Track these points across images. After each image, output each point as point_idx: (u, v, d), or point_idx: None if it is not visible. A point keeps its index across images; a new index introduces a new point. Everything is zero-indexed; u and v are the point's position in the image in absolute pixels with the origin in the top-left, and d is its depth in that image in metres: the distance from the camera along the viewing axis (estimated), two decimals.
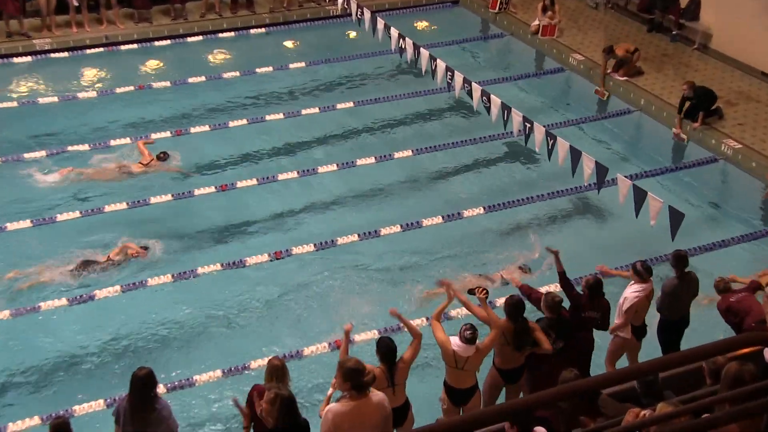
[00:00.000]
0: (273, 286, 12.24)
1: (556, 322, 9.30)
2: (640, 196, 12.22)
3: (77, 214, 13.23)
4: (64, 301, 11.62)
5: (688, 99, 15.43)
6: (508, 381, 9.36)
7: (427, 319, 10.36)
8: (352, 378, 7.33)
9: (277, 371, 7.93)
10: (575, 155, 13.17)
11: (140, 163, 14.49)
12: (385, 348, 8.38)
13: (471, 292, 9.49)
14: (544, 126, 13.91)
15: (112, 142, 15.18)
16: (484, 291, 9.32)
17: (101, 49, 18.61)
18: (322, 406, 8.18)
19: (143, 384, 7.78)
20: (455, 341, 8.80)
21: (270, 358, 8.41)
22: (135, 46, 18.86)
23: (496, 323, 8.97)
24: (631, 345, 10.17)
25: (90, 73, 17.97)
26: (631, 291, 9.94)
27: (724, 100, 16.12)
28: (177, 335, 11.44)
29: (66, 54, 18.40)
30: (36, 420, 9.77)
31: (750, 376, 5.07)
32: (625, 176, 12.88)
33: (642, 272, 9.90)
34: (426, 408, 9.16)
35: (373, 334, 10.91)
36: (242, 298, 12.06)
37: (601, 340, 10.10)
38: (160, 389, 9.16)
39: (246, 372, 10.51)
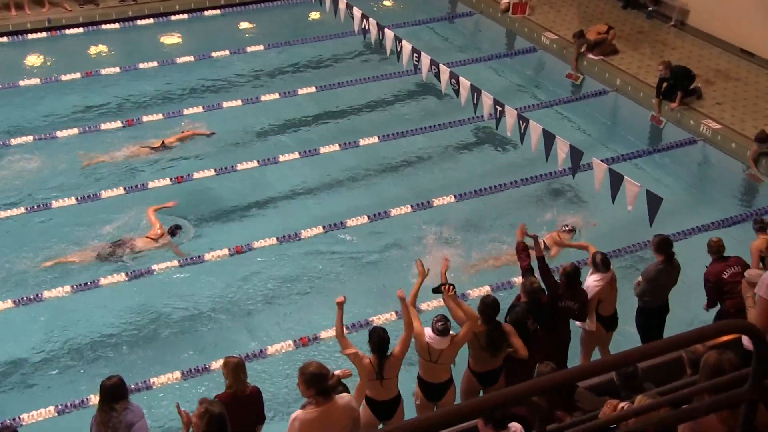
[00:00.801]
0: (225, 283, 12.29)
1: (533, 306, 9.36)
2: (616, 181, 12.36)
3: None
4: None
5: (665, 80, 15.61)
6: (485, 384, 9.24)
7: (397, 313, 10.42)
8: (315, 383, 7.28)
9: (229, 367, 8.06)
10: (549, 139, 13.28)
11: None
12: (377, 338, 8.45)
13: (437, 290, 9.31)
14: (515, 109, 14.03)
15: (59, 134, 15.06)
16: (452, 288, 9.27)
17: (44, 34, 18.43)
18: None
19: (112, 393, 7.82)
20: (428, 333, 8.85)
21: (227, 356, 8.43)
22: (80, 30, 18.69)
23: (471, 315, 8.97)
24: (599, 336, 10.28)
25: (32, 59, 17.78)
26: (592, 280, 10.08)
27: (703, 79, 16.33)
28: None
29: (5, 39, 18.19)
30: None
31: (729, 365, 5.18)
32: (601, 160, 13.03)
33: (599, 265, 10.04)
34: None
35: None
36: (196, 296, 12.10)
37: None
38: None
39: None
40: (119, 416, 7.84)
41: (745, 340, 6.37)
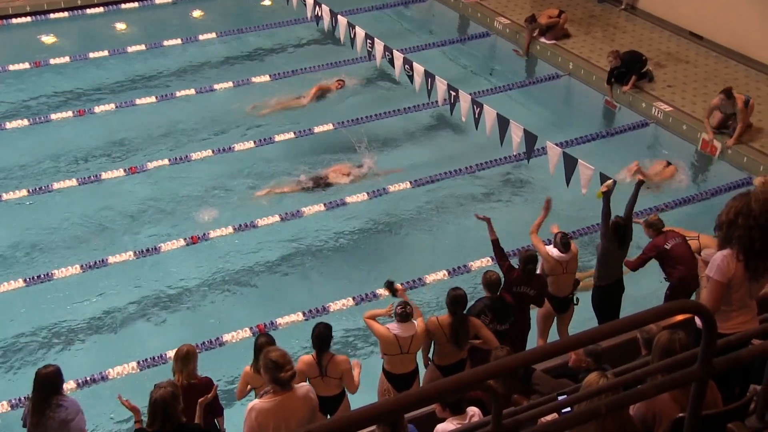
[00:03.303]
0: (192, 272, 12.29)
1: (494, 302, 9.37)
2: (570, 165, 12.49)
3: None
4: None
5: (615, 68, 15.75)
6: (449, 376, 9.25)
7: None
8: (269, 371, 7.25)
9: (178, 356, 8.06)
10: (503, 124, 13.38)
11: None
12: (315, 333, 8.46)
13: (390, 287, 9.40)
14: (469, 94, 14.10)
15: (7, 125, 14.84)
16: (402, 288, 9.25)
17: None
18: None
19: (48, 383, 7.67)
20: (391, 326, 8.88)
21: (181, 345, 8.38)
22: (28, 19, 18.40)
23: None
24: (549, 314, 10.41)
25: None
26: (550, 249, 10.25)
27: (654, 62, 16.52)
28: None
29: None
30: None
31: (680, 345, 5.27)
32: (555, 144, 13.15)
33: (558, 245, 10.16)
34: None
35: (298, 317, 11.25)
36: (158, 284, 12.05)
37: None
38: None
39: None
40: (52, 411, 7.69)
41: (699, 320, 6.48)
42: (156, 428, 7.04)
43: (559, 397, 5.34)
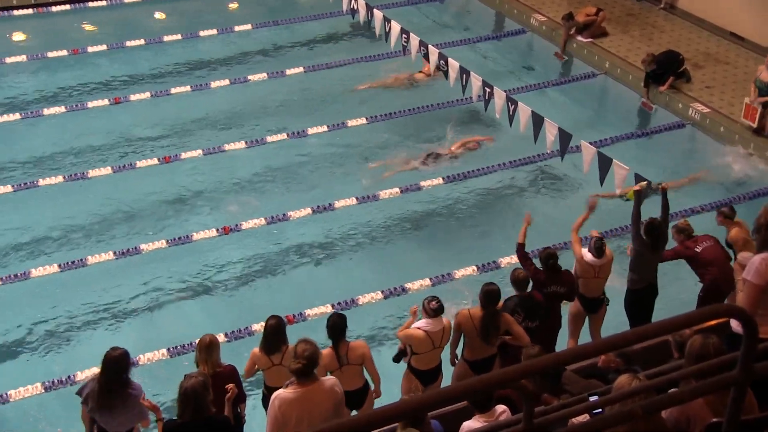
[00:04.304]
0: (223, 262, 12.36)
1: (524, 300, 9.36)
2: (605, 164, 12.39)
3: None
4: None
5: (651, 72, 15.60)
6: (478, 372, 9.15)
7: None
8: (291, 360, 7.32)
9: (201, 346, 8.08)
10: (537, 121, 13.30)
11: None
12: (330, 324, 8.51)
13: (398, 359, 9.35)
14: (504, 91, 14.03)
15: (45, 112, 14.97)
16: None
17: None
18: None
19: (116, 365, 7.70)
20: (420, 325, 8.87)
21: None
22: (68, 7, 18.54)
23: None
24: (580, 315, 10.35)
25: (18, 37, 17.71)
26: (584, 252, 10.16)
27: (692, 63, 16.34)
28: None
29: None
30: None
31: (714, 349, 5.22)
32: (590, 143, 13.06)
33: (592, 249, 10.07)
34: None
35: (326, 309, 11.29)
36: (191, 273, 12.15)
37: None
38: None
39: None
40: (119, 393, 7.74)
41: (734, 324, 6.41)
42: (186, 419, 7.07)
43: (590, 398, 5.29)
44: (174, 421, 7.23)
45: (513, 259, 12.03)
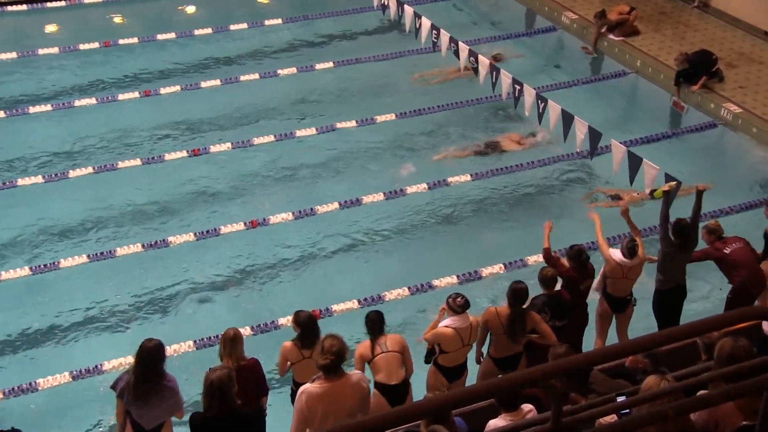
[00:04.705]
0: (250, 255, 12.42)
1: (552, 299, 9.35)
2: (635, 163, 12.32)
3: None
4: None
5: (683, 71, 15.48)
6: (504, 369, 9.17)
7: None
8: (319, 355, 7.35)
9: (225, 340, 8.10)
10: (567, 119, 13.24)
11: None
12: (369, 319, 8.64)
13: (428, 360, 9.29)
14: (534, 88, 13.97)
15: (76, 103, 15.10)
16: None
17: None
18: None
19: (151, 356, 7.74)
20: (447, 323, 8.88)
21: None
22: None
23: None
24: (607, 314, 10.31)
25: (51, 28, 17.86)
26: (614, 252, 10.12)
27: (725, 62, 16.19)
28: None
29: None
30: None
31: (745, 352, 5.19)
32: (620, 142, 12.99)
33: (624, 250, 10.03)
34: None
35: (353, 304, 11.36)
36: (217, 266, 12.25)
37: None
38: None
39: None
40: (155, 384, 7.78)
41: (766, 326, 6.37)
42: (213, 412, 7.10)
43: (618, 398, 5.27)
44: (200, 414, 7.28)
45: (540, 258, 12.02)
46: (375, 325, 8.58)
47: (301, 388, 7.42)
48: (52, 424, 9.90)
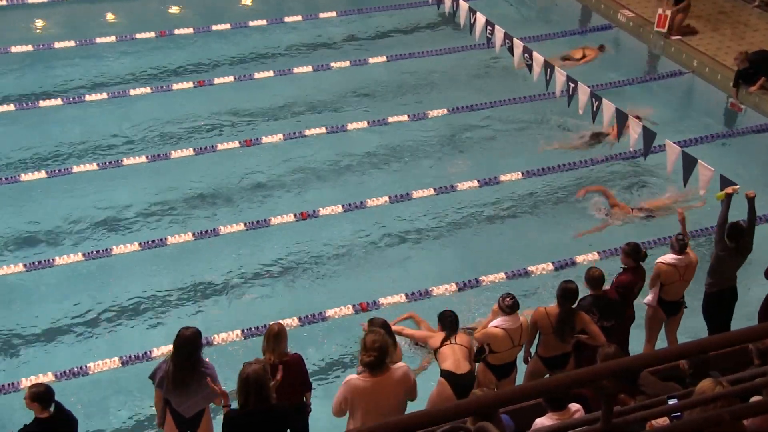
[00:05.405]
0: (299, 246, 12.50)
1: (599, 299, 9.30)
2: (689, 164, 12.18)
3: None
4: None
5: (743, 71, 15.20)
6: (552, 369, 9.18)
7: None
8: (360, 351, 7.36)
9: (269, 336, 8.11)
10: (621, 119, 13.11)
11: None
12: (445, 315, 8.86)
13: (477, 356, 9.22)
14: (588, 86, 13.85)
15: (131, 92, 15.29)
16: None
17: None
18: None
19: (189, 344, 7.83)
20: (498, 323, 8.86)
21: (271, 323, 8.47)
22: None
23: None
24: (659, 317, 10.20)
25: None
26: (663, 259, 10.02)
27: None
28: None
29: None
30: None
31: None
32: (675, 142, 12.83)
33: (674, 245, 9.91)
34: None
35: (400, 298, 11.43)
36: (266, 257, 12.32)
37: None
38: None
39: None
40: (194, 372, 7.86)
41: None
42: (250, 407, 7.11)
43: (670, 401, 5.22)
44: (236, 410, 7.28)
45: (588, 257, 11.98)
46: (454, 323, 8.74)
47: (348, 377, 7.48)
48: (98, 409, 10.04)
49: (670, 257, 9.94)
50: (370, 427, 3.59)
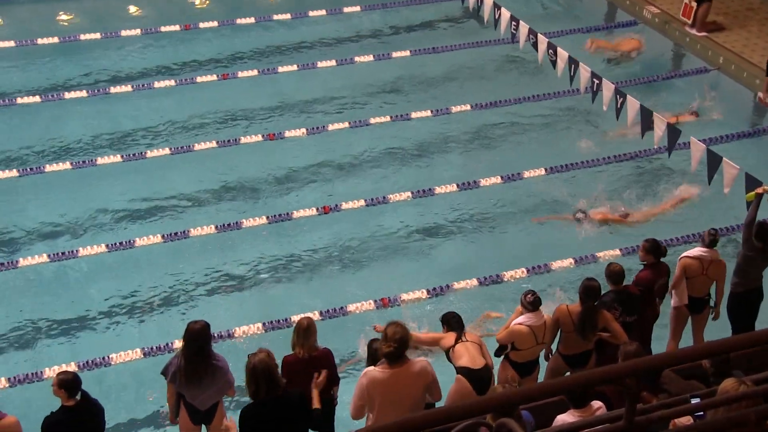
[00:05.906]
0: (321, 241, 12.53)
1: (620, 295, 9.26)
2: (714, 162, 12.09)
3: None
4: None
5: None
6: (573, 366, 9.17)
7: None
8: (381, 341, 7.39)
9: (299, 330, 8.15)
10: (646, 115, 13.04)
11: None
12: (452, 316, 8.89)
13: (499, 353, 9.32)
14: (613, 83, 13.78)
15: (155, 85, 15.35)
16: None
17: None
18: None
19: (198, 337, 7.88)
20: (521, 320, 8.84)
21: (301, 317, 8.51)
22: None
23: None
24: (683, 315, 10.14)
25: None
26: (688, 253, 9.97)
27: None
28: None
29: None
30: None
31: None
32: (699, 140, 12.74)
33: (705, 238, 9.92)
34: None
35: (422, 294, 11.42)
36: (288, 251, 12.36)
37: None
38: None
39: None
40: (205, 364, 7.91)
41: None
42: (261, 396, 7.12)
43: (693, 400, 5.18)
44: (250, 405, 7.26)
45: (610, 253, 11.93)
46: (459, 321, 8.80)
47: (365, 370, 7.49)
48: (118, 399, 10.11)
49: (696, 250, 9.93)
50: (395, 422, 3.58)
